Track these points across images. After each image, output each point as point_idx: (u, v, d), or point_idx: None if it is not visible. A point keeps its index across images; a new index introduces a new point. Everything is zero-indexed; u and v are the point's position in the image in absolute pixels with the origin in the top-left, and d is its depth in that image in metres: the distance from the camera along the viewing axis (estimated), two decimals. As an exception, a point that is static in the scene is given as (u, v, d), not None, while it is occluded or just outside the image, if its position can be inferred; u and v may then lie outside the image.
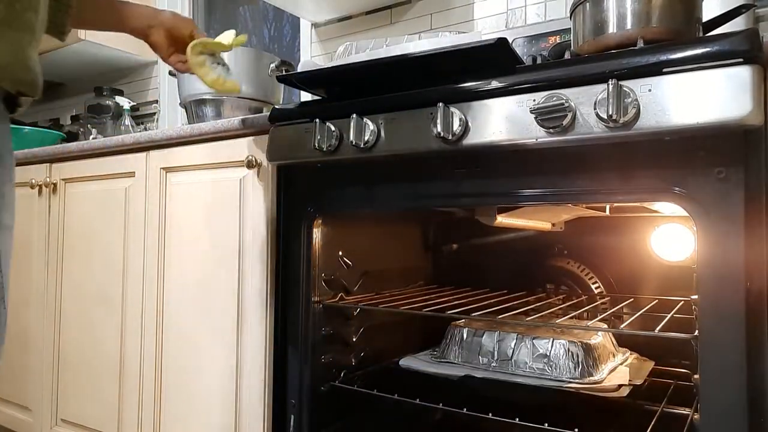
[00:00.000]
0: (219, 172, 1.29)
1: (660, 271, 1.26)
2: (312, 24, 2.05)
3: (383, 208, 1.02)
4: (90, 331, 1.54)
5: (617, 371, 1.05)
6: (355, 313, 1.23)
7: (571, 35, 1.00)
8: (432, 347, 1.22)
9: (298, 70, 1.06)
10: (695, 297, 0.77)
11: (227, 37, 1.13)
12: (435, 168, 0.95)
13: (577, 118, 0.78)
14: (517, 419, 0.94)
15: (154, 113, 2.53)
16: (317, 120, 1.01)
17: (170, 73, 1.83)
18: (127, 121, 2.23)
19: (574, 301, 1.29)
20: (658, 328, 0.89)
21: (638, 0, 0.89)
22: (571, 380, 1.00)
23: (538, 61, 1.23)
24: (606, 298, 1.31)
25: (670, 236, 1.23)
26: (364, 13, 1.92)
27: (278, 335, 1.13)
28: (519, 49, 1.50)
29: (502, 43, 0.82)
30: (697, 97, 0.71)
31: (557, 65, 0.83)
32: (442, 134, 0.87)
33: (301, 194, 1.11)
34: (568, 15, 1.00)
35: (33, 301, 1.70)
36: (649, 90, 0.74)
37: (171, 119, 2.50)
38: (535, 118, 0.80)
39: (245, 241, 1.22)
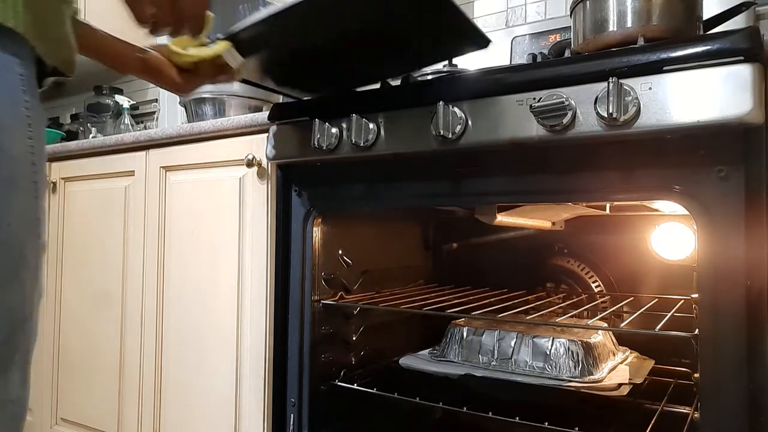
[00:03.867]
0: (219, 171, 1.28)
1: (660, 269, 1.26)
2: (312, 22, 2.04)
3: (383, 206, 1.01)
4: (90, 329, 1.54)
5: (617, 370, 1.05)
6: (355, 312, 1.23)
7: (572, 33, 1.00)
8: (432, 346, 1.22)
9: None
10: (695, 296, 0.77)
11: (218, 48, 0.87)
12: (435, 167, 0.95)
13: (577, 116, 0.78)
14: (517, 418, 0.94)
15: (154, 112, 2.52)
16: (317, 119, 1.00)
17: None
18: (127, 119, 2.23)
19: (574, 299, 1.29)
20: (658, 327, 0.88)
21: (638, -2, 0.89)
22: (571, 379, 1.00)
23: (539, 59, 1.23)
24: (606, 297, 1.31)
25: (671, 235, 1.23)
26: (363, 12, 1.92)
27: (278, 334, 1.13)
28: (519, 47, 1.50)
29: None
30: (697, 96, 0.71)
31: (557, 63, 0.83)
32: (442, 133, 0.87)
33: (300, 193, 1.11)
34: (569, 13, 1.00)
35: (33, 300, 1.70)
36: (650, 88, 0.74)
37: (170, 118, 2.49)
38: (536, 116, 0.79)
39: (245, 240, 1.22)
